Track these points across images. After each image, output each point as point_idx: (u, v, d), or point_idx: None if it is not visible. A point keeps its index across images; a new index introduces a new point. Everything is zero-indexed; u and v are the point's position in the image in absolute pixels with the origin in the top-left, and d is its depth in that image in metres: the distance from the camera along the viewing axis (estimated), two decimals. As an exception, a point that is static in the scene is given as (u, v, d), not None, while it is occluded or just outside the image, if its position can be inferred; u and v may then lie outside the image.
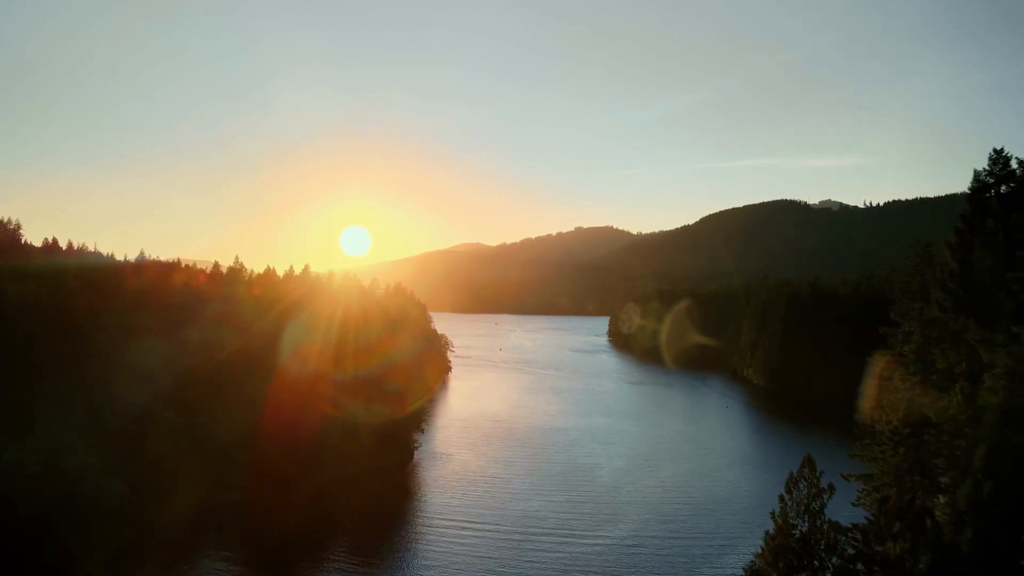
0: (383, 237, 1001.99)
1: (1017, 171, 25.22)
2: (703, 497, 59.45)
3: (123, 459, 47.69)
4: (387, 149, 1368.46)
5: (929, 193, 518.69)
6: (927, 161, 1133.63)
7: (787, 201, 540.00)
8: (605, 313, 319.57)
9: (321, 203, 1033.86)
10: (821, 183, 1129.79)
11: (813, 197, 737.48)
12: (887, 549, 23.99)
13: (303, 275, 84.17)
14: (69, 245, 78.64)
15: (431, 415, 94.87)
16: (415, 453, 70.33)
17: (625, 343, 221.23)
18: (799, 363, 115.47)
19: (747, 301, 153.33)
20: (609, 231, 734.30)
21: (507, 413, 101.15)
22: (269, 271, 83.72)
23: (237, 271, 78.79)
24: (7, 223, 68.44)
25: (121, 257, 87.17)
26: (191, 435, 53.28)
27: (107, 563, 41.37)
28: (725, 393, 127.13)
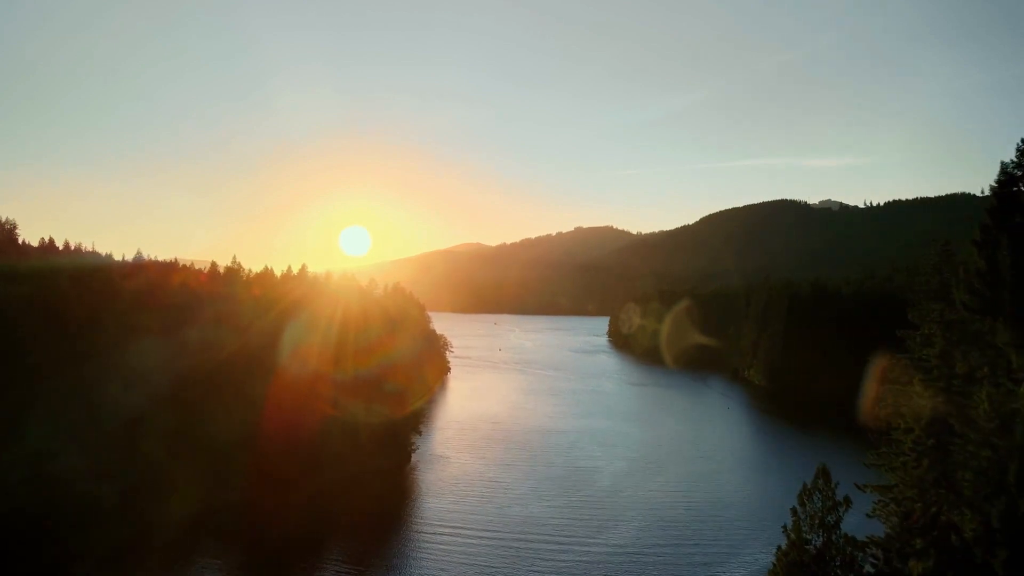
0: (383, 237, 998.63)
1: None
2: (705, 501, 58.98)
3: (122, 460, 47.52)
4: (387, 149, 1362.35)
5: (929, 193, 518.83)
6: (927, 161, 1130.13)
7: (787, 201, 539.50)
8: (605, 313, 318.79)
9: (321, 203, 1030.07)
10: (821, 183, 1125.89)
11: (813, 197, 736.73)
12: (910, 568, 22.57)
13: (300, 275, 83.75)
14: (66, 245, 77.99)
15: (430, 416, 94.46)
16: (413, 455, 70.00)
17: (625, 343, 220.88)
18: (800, 363, 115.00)
19: (747, 301, 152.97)
20: (609, 231, 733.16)
21: (506, 414, 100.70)
22: (267, 271, 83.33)
23: (234, 271, 78.41)
24: (3, 223, 67.81)
25: (119, 257, 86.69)
26: (190, 435, 52.96)
27: (104, 565, 41.14)
28: (726, 394, 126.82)
